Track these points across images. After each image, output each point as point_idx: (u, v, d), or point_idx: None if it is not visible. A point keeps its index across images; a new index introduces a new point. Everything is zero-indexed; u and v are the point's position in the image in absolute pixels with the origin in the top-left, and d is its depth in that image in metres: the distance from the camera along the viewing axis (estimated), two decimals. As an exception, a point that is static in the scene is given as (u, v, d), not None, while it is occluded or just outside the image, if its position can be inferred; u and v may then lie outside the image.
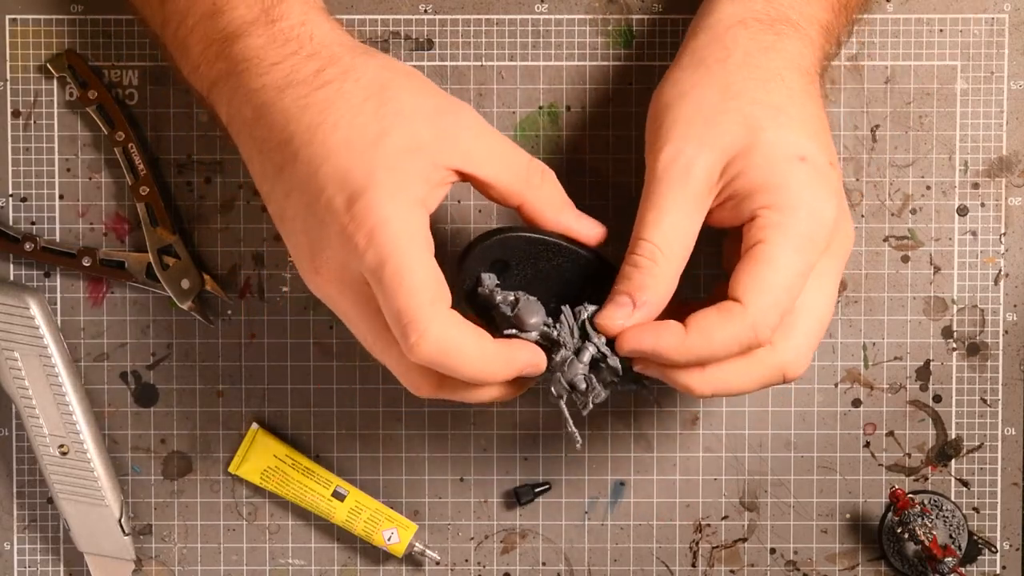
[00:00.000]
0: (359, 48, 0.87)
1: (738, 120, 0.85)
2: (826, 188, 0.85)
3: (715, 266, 0.95)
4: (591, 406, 0.86)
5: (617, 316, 0.85)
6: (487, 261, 0.88)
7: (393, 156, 0.83)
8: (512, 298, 0.87)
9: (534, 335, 0.86)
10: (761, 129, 0.85)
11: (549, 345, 0.86)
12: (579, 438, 0.87)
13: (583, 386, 0.86)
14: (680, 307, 0.87)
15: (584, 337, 0.86)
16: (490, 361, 0.83)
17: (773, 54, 0.87)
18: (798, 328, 0.86)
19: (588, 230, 0.88)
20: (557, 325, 0.86)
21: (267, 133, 0.85)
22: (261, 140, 0.86)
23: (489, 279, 0.88)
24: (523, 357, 0.85)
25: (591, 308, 0.86)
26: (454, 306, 0.83)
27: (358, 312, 0.84)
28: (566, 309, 0.87)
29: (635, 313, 0.85)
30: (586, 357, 0.85)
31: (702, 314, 0.84)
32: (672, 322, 0.84)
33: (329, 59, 0.85)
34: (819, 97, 0.89)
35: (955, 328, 0.99)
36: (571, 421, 0.87)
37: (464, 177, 0.85)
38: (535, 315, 0.86)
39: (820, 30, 0.89)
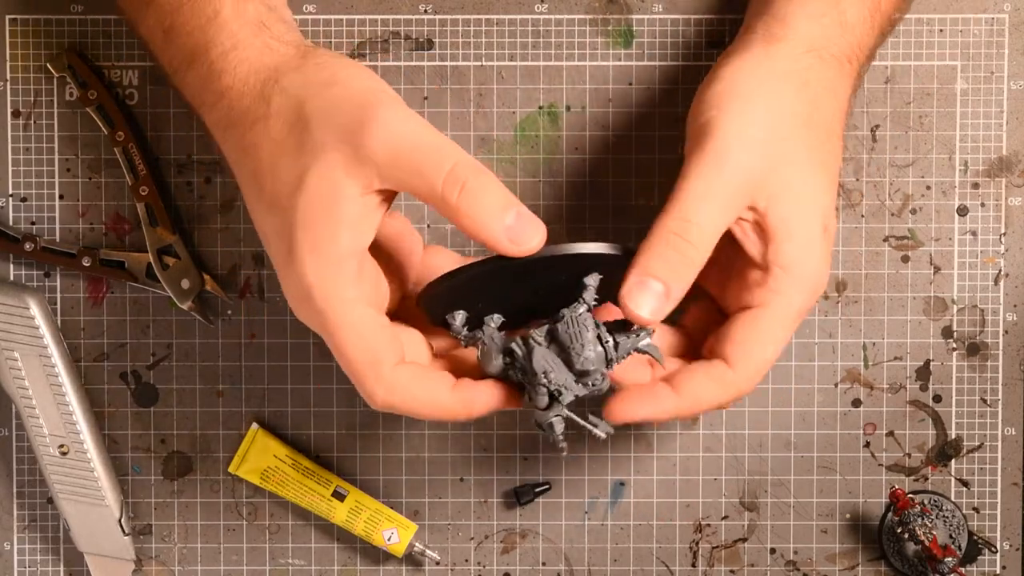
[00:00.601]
0: (283, 66, 0.84)
1: (790, 155, 0.84)
2: (829, 257, 0.86)
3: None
4: (563, 447, 0.85)
5: (647, 304, 0.82)
6: (444, 306, 0.85)
7: (308, 209, 0.81)
8: (476, 338, 0.84)
9: (497, 374, 0.84)
10: (809, 182, 0.84)
11: (521, 379, 0.84)
12: (563, 446, 0.85)
13: (557, 432, 0.84)
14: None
15: (553, 392, 0.83)
16: (446, 409, 0.83)
17: (832, 98, 0.86)
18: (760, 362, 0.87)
19: (513, 246, 0.80)
20: (519, 364, 0.83)
21: (232, 167, 0.86)
22: (231, 168, 0.87)
23: (454, 319, 0.85)
24: (482, 401, 0.83)
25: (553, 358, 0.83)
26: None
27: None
28: (527, 344, 0.83)
29: (666, 305, 0.82)
30: (555, 407, 0.83)
31: (691, 378, 0.84)
32: (662, 389, 0.84)
33: (255, 94, 0.84)
34: (841, 140, 0.88)
35: (955, 328, 0.99)
36: (558, 435, 0.85)
37: (390, 191, 0.82)
38: (492, 361, 0.83)
39: (863, 61, 0.89)
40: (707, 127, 0.84)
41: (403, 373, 0.82)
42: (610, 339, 0.83)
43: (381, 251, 0.86)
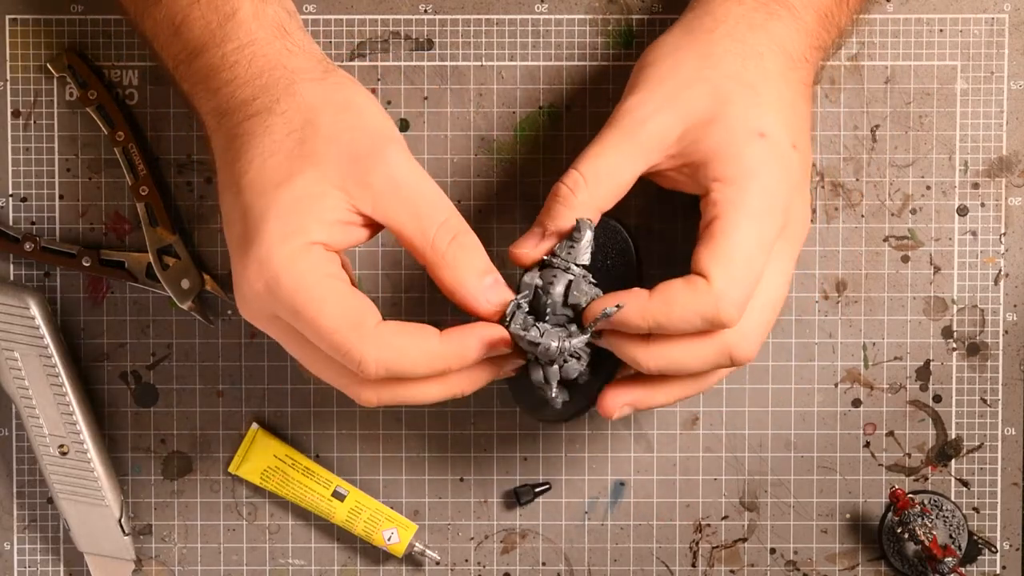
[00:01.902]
0: (301, 72, 0.85)
1: (708, 90, 0.86)
2: (780, 166, 0.85)
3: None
4: (557, 402, 0.86)
5: (526, 244, 0.86)
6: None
7: (289, 203, 0.82)
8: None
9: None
10: (729, 102, 0.85)
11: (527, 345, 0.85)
12: (559, 398, 0.86)
13: (552, 393, 0.85)
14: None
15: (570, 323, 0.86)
16: (440, 356, 0.83)
17: (760, 32, 0.87)
18: (748, 311, 0.85)
19: (485, 307, 0.84)
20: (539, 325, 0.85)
21: (212, 154, 0.87)
22: (212, 158, 0.88)
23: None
24: (474, 342, 0.83)
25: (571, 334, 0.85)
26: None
27: (286, 341, 0.85)
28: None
29: (543, 243, 0.86)
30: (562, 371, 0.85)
31: (668, 283, 0.83)
32: (637, 289, 0.84)
33: (263, 87, 0.85)
34: (800, 84, 0.88)
35: (955, 328, 0.99)
36: (553, 388, 0.86)
37: (376, 223, 0.84)
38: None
39: (817, 16, 0.89)
40: (623, 96, 0.87)
41: (388, 328, 0.82)
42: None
43: None
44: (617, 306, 0.83)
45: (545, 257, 0.86)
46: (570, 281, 0.85)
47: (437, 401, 0.85)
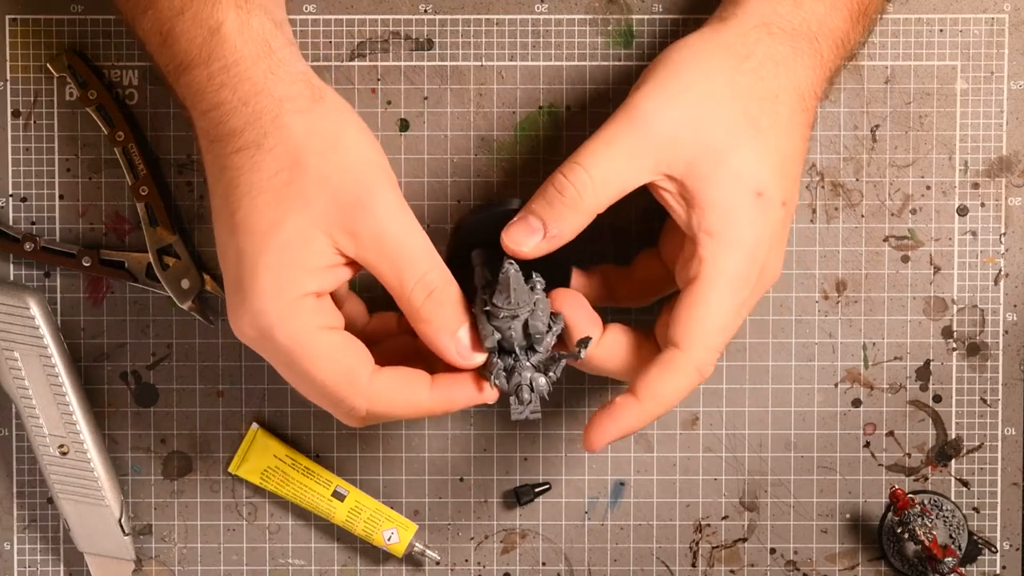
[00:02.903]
0: (288, 102, 0.84)
1: (725, 125, 0.85)
2: (768, 227, 0.85)
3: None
4: (525, 416, 0.86)
5: (526, 243, 0.85)
6: (476, 238, 0.89)
7: (278, 250, 0.82)
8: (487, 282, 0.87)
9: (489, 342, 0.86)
10: (738, 147, 0.85)
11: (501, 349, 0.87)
12: (531, 415, 0.87)
13: (525, 397, 0.86)
14: (603, 270, 0.92)
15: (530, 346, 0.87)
16: (427, 408, 0.85)
17: (781, 70, 0.87)
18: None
19: (459, 362, 0.85)
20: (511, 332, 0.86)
21: (205, 175, 0.87)
22: (206, 179, 0.87)
23: (477, 256, 0.89)
24: (462, 396, 0.86)
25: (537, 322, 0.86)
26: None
27: (277, 369, 0.86)
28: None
29: (542, 243, 0.85)
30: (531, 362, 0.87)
31: (645, 377, 0.85)
32: (625, 400, 0.85)
33: (250, 117, 0.84)
34: (804, 127, 0.88)
35: (955, 328, 0.99)
36: (525, 408, 0.87)
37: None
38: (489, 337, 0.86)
39: (833, 44, 0.89)
40: (634, 89, 0.86)
41: (381, 381, 0.84)
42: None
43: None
44: (586, 339, 0.86)
45: (486, 309, 0.85)
46: (525, 321, 0.85)
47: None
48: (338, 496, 0.98)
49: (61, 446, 0.97)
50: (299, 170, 0.83)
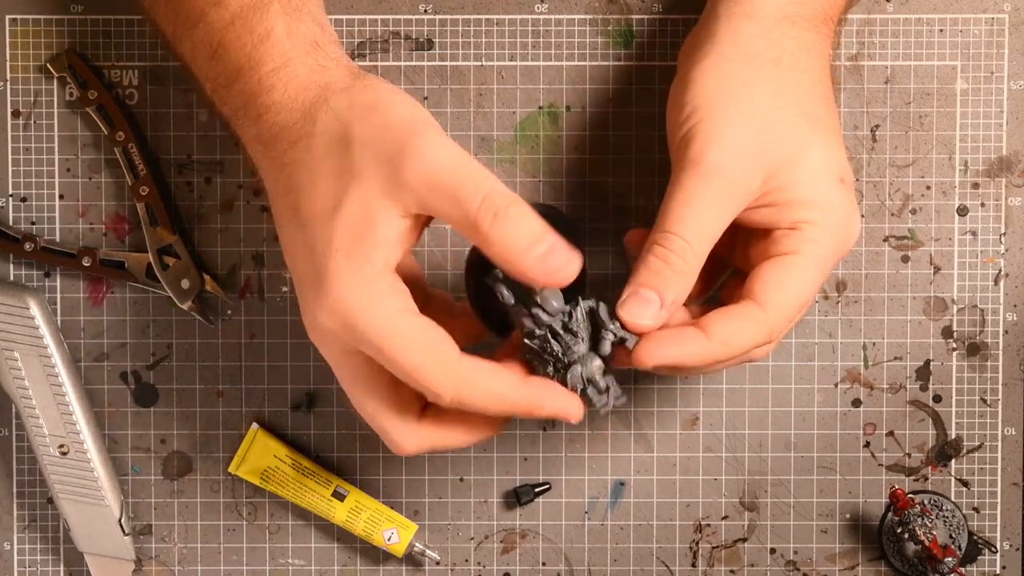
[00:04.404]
0: (332, 85, 0.84)
1: (786, 133, 0.85)
2: (855, 208, 0.87)
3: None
4: (611, 405, 0.84)
5: (645, 314, 0.84)
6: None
7: (346, 232, 0.81)
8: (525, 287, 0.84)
9: (547, 323, 0.83)
10: (807, 146, 0.85)
11: (559, 339, 0.84)
12: (616, 402, 0.85)
13: (602, 384, 0.84)
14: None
15: (596, 331, 0.84)
16: (514, 404, 0.82)
17: (815, 57, 0.87)
18: None
19: (544, 276, 0.81)
20: (573, 316, 0.84)
21: (262, 184, 0.87)
22: (263, 188, 0.87)
23: (494, 277, 0.86)
24: (551, 403, 0.83)
25: (602, 304, 0.84)
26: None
27: (351, 378, 0.84)
28: (581, 303, 0.84)
29: (661, 312, 0.84)
30: (606, 348, 0.84)
31: (720, 318, 0.84)
32: (691, 330, 0.84)
33: (301, 110, 0.84)
34: (835, 98, 0.89)
35: (955, 328, 0.99)
36: (602, 402, 0.85)
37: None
38: (556, 300, 0.84)
39: (837, 16, 0.90)
40: (689, 139, 0.85)
41: (469, 363, 0.82)
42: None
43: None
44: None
45: (539, 343, 0.84)
46: (589, 309, 0.84)
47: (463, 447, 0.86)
48: (338, 496, 0.98)
49: (61, 446, 0.97)
50: (346, 143, 0.82)
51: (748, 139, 0.85)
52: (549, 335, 0.83)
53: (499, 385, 0.82)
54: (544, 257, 0.80)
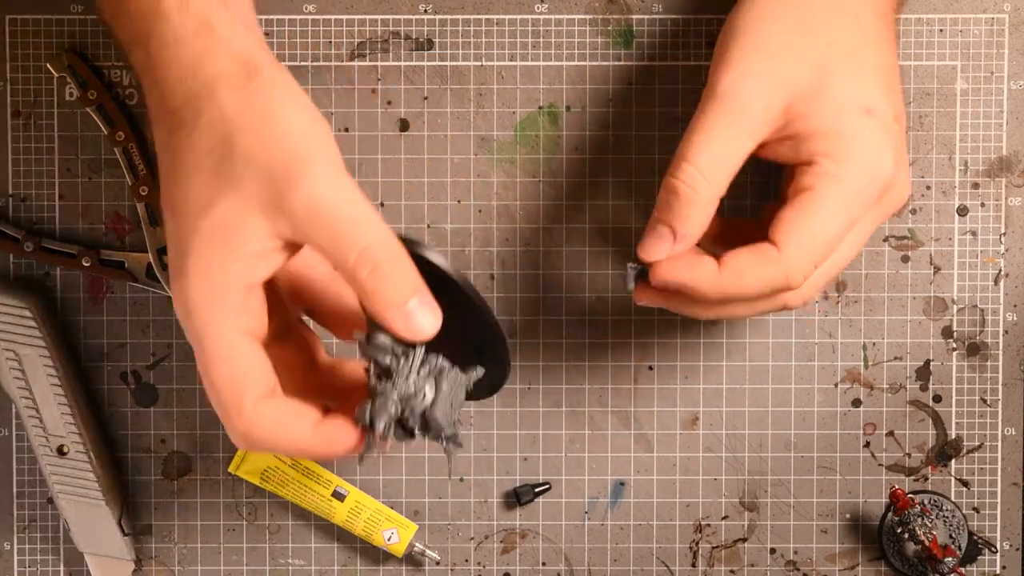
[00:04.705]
0: (222, 80, 0.80)
1: (809, 60, 0.84)
2: (888, 144, 0.84)
3: (763, 197, 0.96)
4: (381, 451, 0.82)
5: (658, 250, 0.84)
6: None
7: (208, 234, 0.78)
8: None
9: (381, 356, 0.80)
10: (831, 73, 0.84)
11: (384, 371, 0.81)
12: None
13: (412, 428, 0.81)
14: (723, 223, 0.88)
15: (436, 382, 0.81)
16: (306, 450, 0.80)
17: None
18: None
19: (410, 334, 0.79)
20: (404, 360, 0.80)
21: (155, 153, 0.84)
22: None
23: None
24: (343, 444, 0.80)
25: (452, 369, 0.82)
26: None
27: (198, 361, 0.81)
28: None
29: (676, 245, 0.84)
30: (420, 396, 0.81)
31: (736, 254, 0.84)
32: (706, 258, 0.84)
33: (186, 97, 0.80)
34: (891, 41, 0.87)
35: (955, 328, 0.99)
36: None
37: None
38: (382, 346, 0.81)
39: None
40: (712, 68, 0.85)
41: (265, 409, 0.79)
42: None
43: (291, 285, 0.85)
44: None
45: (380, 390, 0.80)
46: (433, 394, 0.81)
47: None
48: (338, 496, 0.98)
49: (61, 446, 0.97)
50: (229, 148, 0.79)
51: (766, 65, 0.84)
52: (372, 364, 0.80)
53: (292, 430, 0.79)
54: (408, 316, 0.78)
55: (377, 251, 0.78)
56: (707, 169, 0.83)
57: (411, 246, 0.80)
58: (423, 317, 0.79)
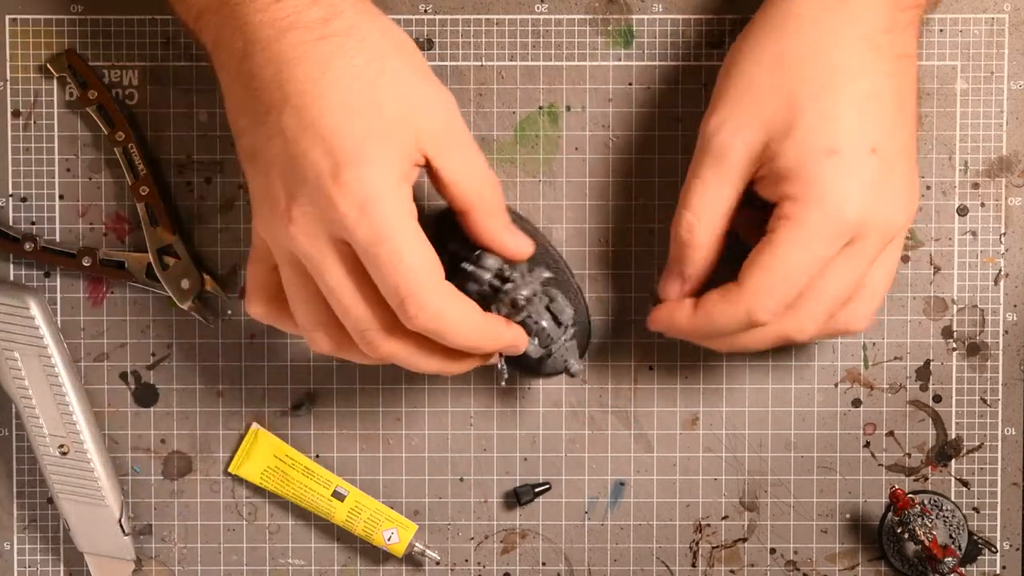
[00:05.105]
0: (361, 5, 0.85)
1: (782, 102, 0.86)
2: (852, 182, 0.85)
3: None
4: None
5: (671, 291, 0.91)
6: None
7: (386, 129, 0.83)
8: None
9: (488, 276, 0.89)
10: (801, 112, 0.85)
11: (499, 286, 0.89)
12: (506, 374, 0.92)
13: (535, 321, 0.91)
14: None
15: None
16: (479, 334, 0.86)
17: (834, 15, 0.86)
18: (803, 305, 0.87)
19: (518, 250, 0.89)
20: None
21: (258, 71, 0.84)
22: (249, 76, 0.84)
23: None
24: (509, 335, 0.88)
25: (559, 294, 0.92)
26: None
27: (320, 265, 0.84)
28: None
29: (685, 286, 0.90)
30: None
31: (708, 295, 0.88)
32: (686, 301, 0.89)
33: (332, 10, 0.84)
34: (885, 62, 0.87)
35: (955, 328, 0.99)
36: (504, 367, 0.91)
37: (429, 167, 0.86)
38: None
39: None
40: (707, 111, 0.89)
41: (449, 290, 0.84)
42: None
43: None
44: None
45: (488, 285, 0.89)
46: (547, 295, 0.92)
47: (428, 372, 0.88)
48: (338, 496, 0.98)
49: (61, 446, 0.97)
50: (387, 64, 0.84)
51: (745, 106, 0.86)
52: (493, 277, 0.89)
53: (471, 312, 0.85)
54: (515, 235, 0.89)
55: (493, 175, 0.88)
56: (702, 215, 0.88)
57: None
58: (521, 239, 0.89)
